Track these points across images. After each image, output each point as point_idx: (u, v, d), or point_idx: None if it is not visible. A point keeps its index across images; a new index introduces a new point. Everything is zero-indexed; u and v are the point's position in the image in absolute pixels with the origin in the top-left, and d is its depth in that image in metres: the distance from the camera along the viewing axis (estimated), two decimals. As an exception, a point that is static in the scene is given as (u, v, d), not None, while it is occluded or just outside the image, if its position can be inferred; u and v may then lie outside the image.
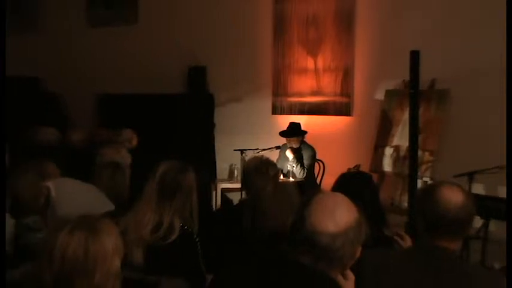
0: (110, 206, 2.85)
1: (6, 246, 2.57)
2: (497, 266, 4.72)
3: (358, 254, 1.59)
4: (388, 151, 6.55)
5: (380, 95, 6.77)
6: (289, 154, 6.01)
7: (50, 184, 2.62)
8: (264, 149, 6.00)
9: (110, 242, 1.53)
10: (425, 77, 5.59)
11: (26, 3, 10.21)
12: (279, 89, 7.54)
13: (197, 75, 7.91)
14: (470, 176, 5.12)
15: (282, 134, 6.17)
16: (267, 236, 2.50)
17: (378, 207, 2.91)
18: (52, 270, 1.46)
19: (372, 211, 2.34)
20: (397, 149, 6.47)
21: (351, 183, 2.83)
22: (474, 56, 6.07)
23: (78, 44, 9.44)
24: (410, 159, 5.23)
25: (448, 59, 6.08)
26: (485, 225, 4.80)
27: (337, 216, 1.53)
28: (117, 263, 1.54)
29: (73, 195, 2.72)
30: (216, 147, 7.70)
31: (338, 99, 7.11)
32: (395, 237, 2.56)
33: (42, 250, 1.51)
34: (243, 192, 3.46)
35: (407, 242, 2.47)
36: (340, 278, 1.57)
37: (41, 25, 10.03)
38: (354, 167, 6.14)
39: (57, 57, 9.52)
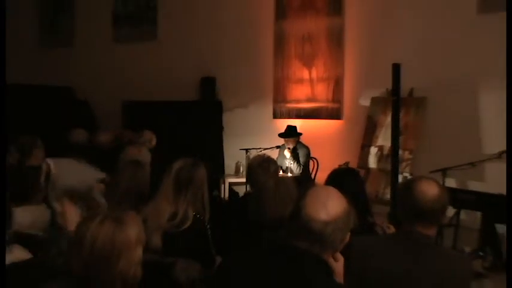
0: (100, 175, 2.82)
1: (44, 232, 2.57)
2: (467, 249, 4.71)
3: (347, 239, 1.59)
4: (373, 150, 6.54)
5: (366, 102, 6.76)
6: (287, 153, 6.02)
7: (49, 161, 2.61)
8: (265, 148, 6.00)
9: (134, 233, 1.52)
10: (405, 86, 5.60)
11: (61, 23, 10.23)
12: (278, 96, 7.55)
13: (208, 85, 7.96)
14: (444, 171, 5.12)
15: (281, 135, 6.18)
16: (269, 224, 2.50)
17: (364, 198, 2.91)
18: (82, 256, 1.46)
19: (358, 202, 2.34)
20: (381, 148, 6.46)
21: (341, 178, 2.83)
22: (448, 69, 6.07)
23: (105, 57, 9.47)
24: (392, 157, 5.25)
25: (426, 71, 6.08)
26: (457, 215, 4.80)
27: (328, 206, 1.52)
28: (139, 251, 1.53)
29: (69, 169, 2.70)
30: (224, 147, 7.70)
31: (330, 105, 7.12)
32: (384, 227, 2.57)
33: (74, 238, 1.51)
34: (248, 186, 3.45)
35: (391, 230, 2.48)
36: (331, 260, 1.57)
37: (73, 42, 10.07)
38: (343, 164, 6.15)
39: (87, 69, 9.56)
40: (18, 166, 3.98)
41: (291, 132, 6.11)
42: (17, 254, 1.84)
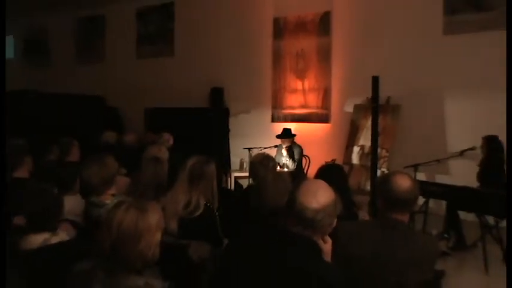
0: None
1: (79, 218, 2.56)
2: (434, 232, 4.71)
3: (334, 223, 1.59)
4: (356, 149, 6.53)
5: (350, 108, 6.76)
6: (283, 151, 6.01)
7: None
8: (265, 148, 5.99)
9: (154, 219, 1.51)
10: (383, 95, 5.58)
11: (94, 43, 10.25)
12: (276, 103, 7.54)
13: (217, 94, 7.96)
14: (415, 167, 5.11)
15: (278, 136, 6.17)
16: (268, 212, 2.49)
17: (347, 189, 2.89)
18: (110, 237, 1.46)
19: (342, 192, 2.34)
20: (362, 147, 6.45)
21: (328, 172, 2.81)
22: (419, 81, 6.08)
23: (130, 71, 9.49)
24: (372, 155, 5.23)
25: (400, 82, 6.08)
26: (426, 203, 4.79)
27: (318, 196, 1.52)
28: (158, 236, 1.52)
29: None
30: (230, 146, 7.70)
31: (319, 111, 7.12)
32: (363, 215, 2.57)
33: (104, 222, 1.51)
34: (250, 179, 3.44)
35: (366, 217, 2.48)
36: (320, 242, 1.56)
37: (104, 58, 10.10)
38: (331, 161, 6.13)
39: (116, 81, 9.58)
40: (58, 162, 3.98)
41: (286, 134, 6.10)
42: (62, 236, 1.84)
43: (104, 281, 1.43)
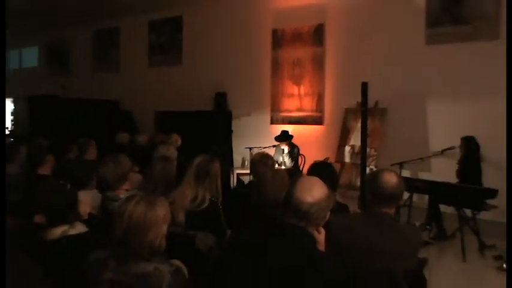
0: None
1: (97, 212, 2.56)
2: (417, 224, 4.70)
3: (327, 216, 1.58)
4: (347, 148, 6.53)
5: (341, 111, 6.74)
6: (285, 149, 5.97)
7: None
8: (265, 147, 5.97)
9: (161, 213, 1.51)
10: (371, 100, 5.57)
11: (110, 54, 10.26)
12: (274, 107, 7.54)
13: (221, 98, 7.96)
14: (401, 164, 5.10)
15: (277, 138, 6.14)
16: (267, 206, 2.48)
17: (336, 182, 2.83)
18: (122, 226, 1.45)
19: (330, 186, 2.33)
20: (353, 147, 6.45)
21: (319, 168, 2.79)
22: (404, 86, 6.07)
23: (142, 78, 9.50)
24: (362, 153, 5.22)
25: (387, 88, 6.08)
26: (410, 197, 4.78)
27: (313, 191, 1.51)
28: (164, 227, 1.51)
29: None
30: (233, 146, 7.69)
31: (314, 114, 7.11)
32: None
33: (117, 213, 1.51)
34: (251, 176, 3.43)
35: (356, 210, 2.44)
36: (315, 233, 1.55)
37: (119, 67, 10.10)
38: (324, 159, 6.12)
39: (129, 88, 9.58)
40: (77, 160, 3.97)
41: (284, 136, 6.07)
42: (79, 228, 1.83)
43: (116, 269, 1.43)
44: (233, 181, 6.57)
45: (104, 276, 1.43)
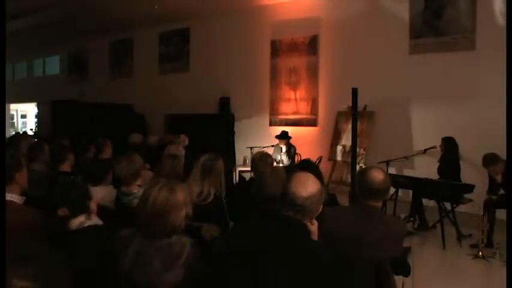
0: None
1: (111, 205, 2.55)
2: (402, 216, 4.69)
3: (320, 209, 1.56)
4: (339, 148, 6.52)
5: (334, 114, 6.73)
6: (283, 148, 5.95)
7: None
8: (264, 147, 5.96)
9: (182, 197, 1.50)
10: (361, 104, 5.56)
11: (124, 62, 10.25)
12: (273, 110, 7.53)
13: (224, 102, 7.96)
14: (387, 162, 5.08)
15: (278, 136, 6.11)
16: (266, 200, 2.47)
17: (320, 177, 2.79)
18: (146, 210, 1.45)
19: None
20: (344, 146, 6.44)
21: (305, 164, 2.78)
22: (390, 92, 6.07)
23: (154, 84, 9.50)
24: (352, 152, 5.21)
25: (375, 93, 6.06)
26: (396, 192, 4.76)
27: (307, 186, 1.50)
28: (184, 210, 1.51)
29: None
30: (235, 145, 7.69)
31: (309, 116, 7.11)
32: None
33: (141, 198, 1.51)
34: (252, 173, 3.42)
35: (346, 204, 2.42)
36: (309, 224, 1.55)
37: (132, 74, 10.09)
38: (318, 158, 6.12)
39: (142, 93, 9.58)
40: (94, 159, 3.97)
41: (285, 135, 6.06)
42: (95, 220, 1.83)
43: (140, 243, 1.43)
44: (235, 178, 6.57)
45: (129, 249, 1.43)
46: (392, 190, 4.79)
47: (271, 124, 7.49)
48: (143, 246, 1.42)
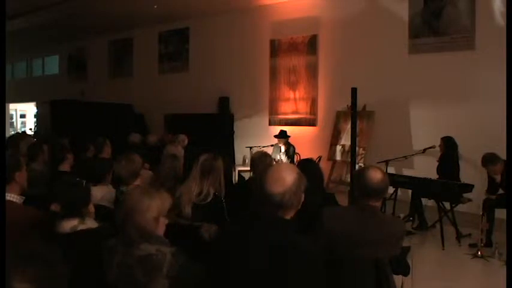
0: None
1: (111, 204, 2.54)
2: (402, 215, 4.69)
3: (302, 199, 1.45)
4: (338, 148, 6.52)
5: (333, 114, 6.73)
6: (282, 148, 5.95)
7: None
8: (263, 146, 5.96)
9: (150, 202, 1.48)
10: (360, 103, 5.57)
11: (124, 61, 10.24)
12: (272, 110, 7.53)
13: (224, 102, 7.95)
14: (387, 162, 5.08)
15: (276, 136, 6.12)
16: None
17: (320, 176, 2.77)
18: (120, 212, 1.48)
19: (315, 178, 2.32)
20: (343, 146, 6.44)
21: (305, 163, 2.77)
22: (389, 92, 6.07)
23: (153, 84, 9.48)
24: (351, 152, 5.20)
25: (374, 93, 6.07)
26: (395, 192, 4.77)
27: (281, 180, 1.39)
28: (153, 215, 1.47)
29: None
30: (235, 145, 7.69)
31: (308, 116, 7.10)
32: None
33: (119, 202, 1.52)
34: (251, 172, 3.42)
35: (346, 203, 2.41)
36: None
37: (132, 73, 10.08)
38: (317, 157, 6.12)
39: (142, 92, 9.57)
40: (94, 158, 3.96)
41: (282, 134, 6.07)
42: (89, 224, 1.79)
43: (123, 253, 1.43)
44: (235, 177, 6.58)
45: (114, 260, 1.44)
46: (391, 190, 4.79)
47: (270, 124, 7.49)
48: (125, 256, 1.42)
